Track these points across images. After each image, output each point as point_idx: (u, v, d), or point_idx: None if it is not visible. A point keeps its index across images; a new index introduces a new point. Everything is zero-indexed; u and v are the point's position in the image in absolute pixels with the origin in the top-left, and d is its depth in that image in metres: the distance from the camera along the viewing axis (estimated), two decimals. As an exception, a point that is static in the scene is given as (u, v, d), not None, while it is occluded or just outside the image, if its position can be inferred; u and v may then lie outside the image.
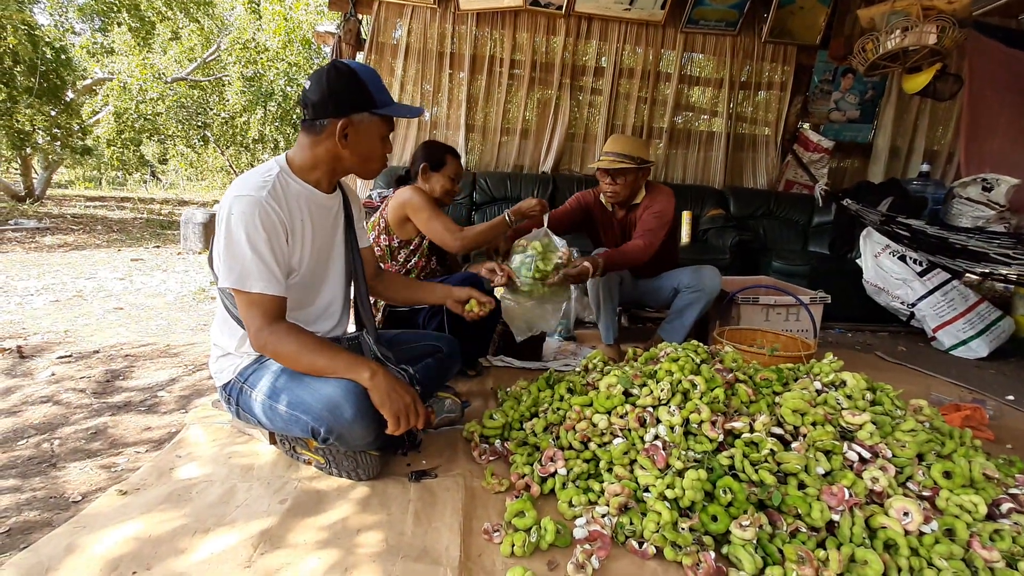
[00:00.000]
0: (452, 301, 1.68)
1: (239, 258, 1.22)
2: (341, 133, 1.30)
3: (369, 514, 1.27)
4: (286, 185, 1.32)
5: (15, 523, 1.22)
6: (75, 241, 5.89)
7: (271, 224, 1.24)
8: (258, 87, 9.99)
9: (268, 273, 1.24)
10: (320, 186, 1.39)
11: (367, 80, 1.31)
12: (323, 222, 1.43)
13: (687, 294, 2.42)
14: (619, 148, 2.33)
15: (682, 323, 2.43)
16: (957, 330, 3.07)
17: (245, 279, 1.22)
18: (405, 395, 1.28)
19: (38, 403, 1.86)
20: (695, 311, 2.40)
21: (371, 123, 1.34)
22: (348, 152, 1.34)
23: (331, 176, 1.41)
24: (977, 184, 3.58)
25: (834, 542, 1.13)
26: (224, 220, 1.23)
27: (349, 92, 1.30)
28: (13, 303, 3.19)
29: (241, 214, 1.21)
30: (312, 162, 1.36)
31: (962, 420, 1.89)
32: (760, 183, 4.57)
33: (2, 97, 7.57)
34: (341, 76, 1.29)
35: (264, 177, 1.28)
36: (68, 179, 15.45)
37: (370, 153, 1.38)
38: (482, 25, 4.14)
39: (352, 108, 1.30)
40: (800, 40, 4.31)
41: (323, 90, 1.28)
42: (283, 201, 1.29)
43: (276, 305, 1.26)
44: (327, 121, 1.30)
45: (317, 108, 1.30)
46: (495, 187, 4.11)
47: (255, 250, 1.22)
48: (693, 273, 2.43)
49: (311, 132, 1.33)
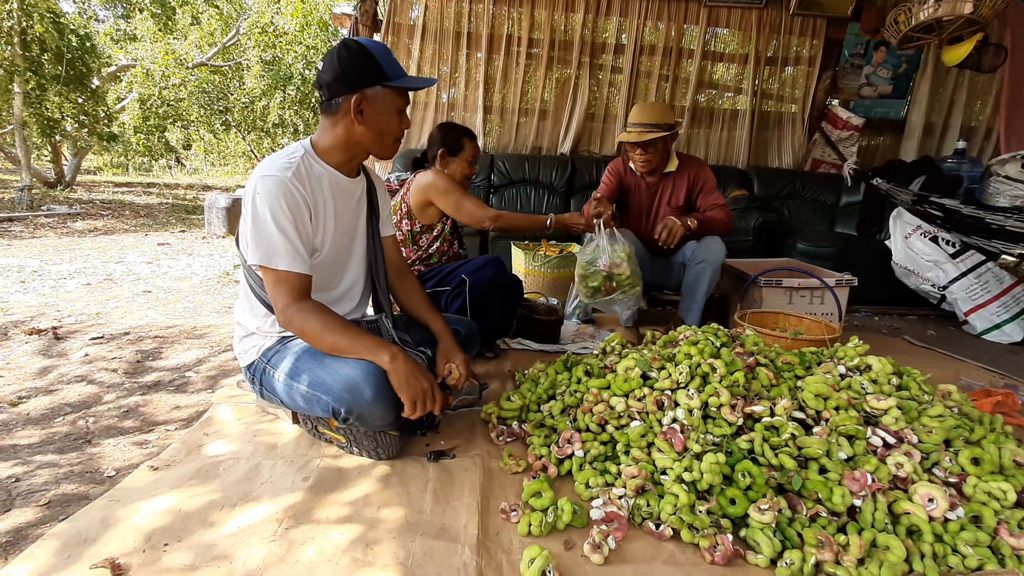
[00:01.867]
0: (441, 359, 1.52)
1: (265, 236, 1.24)
2: (356, 108, 1.31)
3: (389, 492, 1.29)
4: (310, 166, 1.34)
5: (54, 496, 1.28)
6: (104, 226, 6.05)
7: (295, 203, 1.26)
8: (277, 71, 10.04)
9: (293, 251, 1.26)
10: (342, 169, 1.40)
11: (377, 54, 1.31)
12: (346, 205, 1.44)
13: (692, 267, 2.37)
14: (645, 118, 2.30)
15: (695, 300, 2.39)
16: (990, 313, 2.97)
17: (271, 256, 1.25)
18: (423, 380, 1.30)
19: (73, 382, 1.94)
20: (704, 285, 2.35)
21: (385, 96, 1.34)
22: (365, 128, 1.34)
23: (351, 157, 1.41)
24: (1017, 161, 3.42)
25: (855, 527, 1.12)
26: (250, 200, 1.26)
27: (360, 67, 1.30)
28: (47, 286, 3.31)
29: (267, 193, 1.24)
30: (332, 143, 1.37)
31: (993, 406, 1.83)
32: (786, 162, 4.44)
33: (32, 85, 7.75)
34: (351, 52, 1.30)
35: (289, 158, 1.31)
36: (96, 165, 15.84)
37: (387, 127, 1.37)
38: (500, 4, 4.06)
39: (364, 82, 1.31)
40: (830, 12, 4.13)
41: (335, 68, 1.29)
42: (307, 182, 1.31)
43: (302, 283, 1.29)
44: (341, 99, 1.31)
45: (331, 87, 1.31)
46: (513, 169, 4.08)
47: (281, 228, 1.24)
48: (696, 244, 2.38)
49: (328, 113, 1.35)
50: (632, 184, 2.56)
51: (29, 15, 7.26)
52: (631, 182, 2.56)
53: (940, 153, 4.33)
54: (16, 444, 1.51)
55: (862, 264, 3.18)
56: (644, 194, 2.53)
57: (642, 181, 2.52)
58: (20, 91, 7.60)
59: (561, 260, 2.91)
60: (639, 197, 2.55)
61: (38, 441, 1.54)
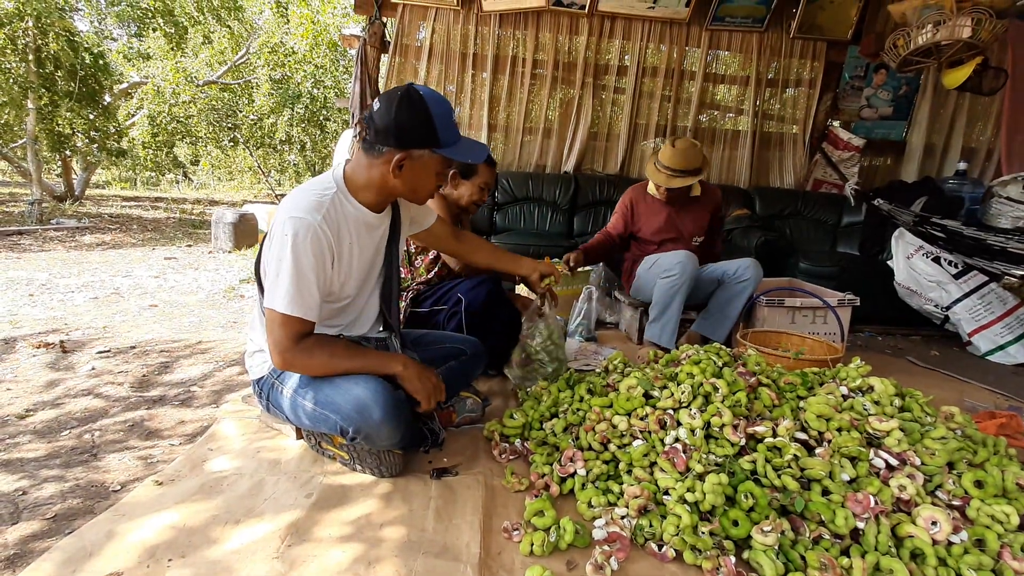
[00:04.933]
0: (537, 276, 1.78)
1: (284, 280, 1.23)
2: (396, 164, 1.30)
3: (391, 510, 1.30)
4: (341, 206, 1.33)
5: (60, 510, 1.29)
6: (112, 240, 6.12)
7: (320, 251, 1.26)
8: (285, 89, 10.22)
9: (310, 299, 1.26)
10: (371, 206, 1.39)
11: (436, 116, 1.28)
12: (369, 243, 1.43)
13: (733, 284, 2.40)
14: (679, 164, 2.43)
15: (726, 316, 2.43)
16: (994, 334, 2.96)
17: (286, 302, 1.23)
18: (432, 377, 1.40)
19: (79, 396, 1.96)
20: (740, 303, 2.39)
21: (430, 159, 1.32)
22: (399, 182, 1.33)
23: (384, 199, 1.41)
24: (1018, 183, 3.43)
25: (858, 550, 1.11)
26: (277, 238, 1.25)
27: (416, 127, 1.28)
28: (56, 300, 3.34)
29: (294, 236, 1.23)
30: (366, 183, 1.35)
31: (997, 428, 1.82)
32: (787, 182, 4.47)
33: (44, 101, 7.90)
34: (412, 108, 1.26)
35: (320, 196, 1.29)
36: (105, 179, 16.03)
37: (421, 186, 1.38)
38: (505, 26, 4.15)
39: (414, 144, 1.29)
40: (830, 35, 4.20)
41: (390, 119, 1.27)
42: (335, 224, 1.30)
43: (307, 328, 1.29)
44: (386, 149, 1.29)
45: (380, 134, 1.29)
46: (517, 187, 4.13)
47: (301, 274, 1.23)
48: (738, 263, 2.42)
49: (370, 154, 1.33)
50: (648, 208, 2.67)
51: (45, 33, 7.43)
52: (647, 206, 2.67)
53: (941, 174, 4.36)
54: (23, 457, 1.53)
55: (864, 284, 3.18)
56: (661, 214, 2.64)
57: (658, 204, 2.64)
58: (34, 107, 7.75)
59: (565, 278, 2.93)
60: (655, 218, 2.65)
61: (44, 454, 1.55)
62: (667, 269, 2.37)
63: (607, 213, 4.17)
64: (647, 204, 2.66)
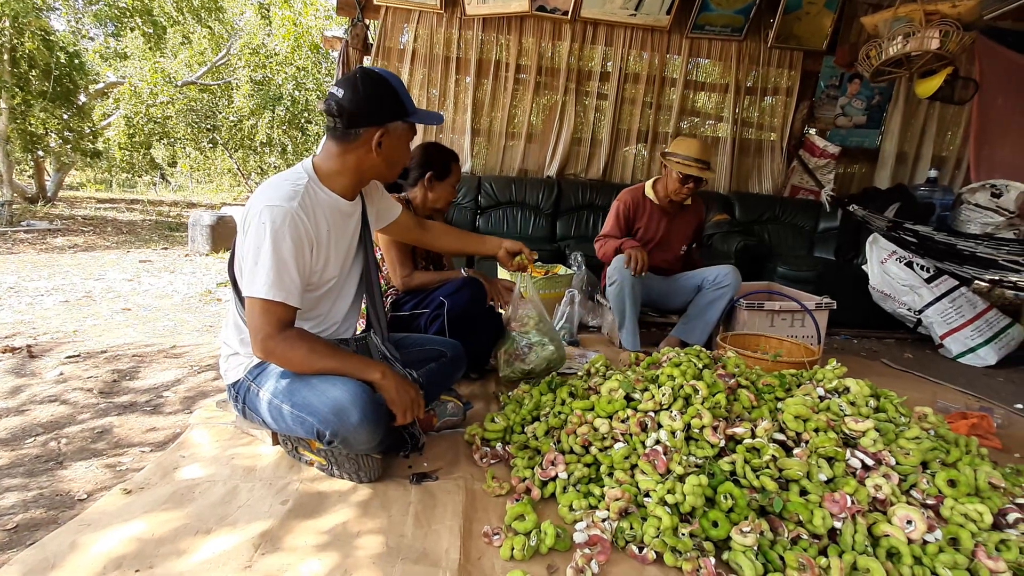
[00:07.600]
0: (503, 252, 1.79)
1: (264, 266, 1.21)
2: (377, 142, 1.31)
3: (370, 516, 1.27)
4: (315, 195, 1.33)
5: (21, 520, 1.24)
6: (85, 242, 5.96)
7: (298, 236, 1.25)
8: (266, 91, 10.10)
9: (290, 283, 1.24)
10: (344, 194, 1.39)
11: (398, 87, 1.32)
12: (345, 230, 1.43)
13: (711, 291, 2.46)
14: (700, 154, 2.43)
15: (705, 321, 2.46)
16: (965, 337, 3.04)
17: (267, 287, 1.21)
18: (411, 390, 1.36)
19: (45, 402, 1.89)
20: (719, 308, 2.44)
21: (403, 130, 1.36)
22: (380, 159, 1.35)
23: (356, 183, 1.41)
24: (986, 190, 3.55)
25: (836, 549, 1.12)
26: (253, 227, 1.23)
27: (385, 101, 1.31)
28: (24, 303, 3.24)
29: (272, 223, 1.22)
30: (340, 169, 1.36)
31: (969, 428, 1.87)
32: (766, 188, 4.55)
33: (17, 101, 7.70)
34: (376, 84, 1.30)
35: (294, 186, 1.29)
36: (79, 181, 15.64)
37: (398, 159, 1.40)
38: (488, 30, 4.16)
39: (388, 117, 1.32)
40: (806, 46, 4.30)
41: (359, 99, 1.28)
42: (311, 212, 1.30)
43: (289, 315, 1.27)
44: (362, 130, 1.31)
45: (353, 117, 1.29)
46: (500, 191, 4.13)
47: (282, 260, 1.22)
48: (718, 270, 2.46)
49: (343, 140, 1.33)
50: (647, 213, 2.67)
51: (21, 32, 7.24)
52: (646, 211, 2.67)
53: (913, 181, 4.48)
54: (-18, 467, 1.46)
55: (840, 288, 3.24)
56: (659, 221, 2.66)
57: (658, 210, 2.64)
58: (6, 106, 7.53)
59: (547, 281, 2.92)
60: (654, 224, 2.67)
61: (7, 463, 1.49)
62: (609, 276, 2.48)
63: (590, 217, 4.19)
64: (646, 209, 2.67)
